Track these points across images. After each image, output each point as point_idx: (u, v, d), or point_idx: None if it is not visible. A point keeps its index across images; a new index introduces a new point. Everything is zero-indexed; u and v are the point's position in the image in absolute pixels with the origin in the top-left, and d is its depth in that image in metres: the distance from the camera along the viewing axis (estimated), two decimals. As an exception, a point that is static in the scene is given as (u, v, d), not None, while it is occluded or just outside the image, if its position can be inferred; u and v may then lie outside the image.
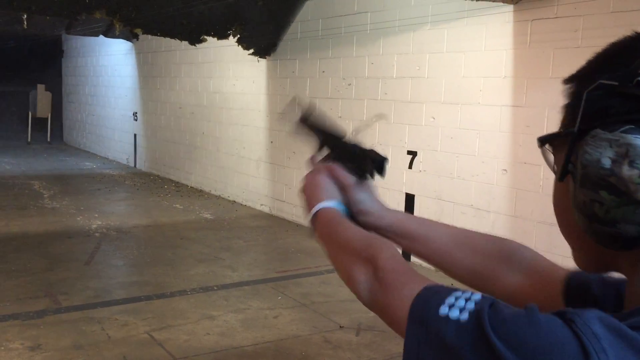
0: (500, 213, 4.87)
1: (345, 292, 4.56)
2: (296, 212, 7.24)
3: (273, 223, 7.28)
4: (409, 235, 1.03)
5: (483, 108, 4.96)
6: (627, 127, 0.61)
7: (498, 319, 0.58)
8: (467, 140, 5.09)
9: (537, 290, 0.88)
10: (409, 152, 5.62)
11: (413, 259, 1.07)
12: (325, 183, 1.06)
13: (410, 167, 5.58)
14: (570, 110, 0.70)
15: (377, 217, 1.05)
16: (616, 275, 0.73)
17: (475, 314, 0.59)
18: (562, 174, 0.68)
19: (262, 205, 7.88)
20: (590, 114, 0.65)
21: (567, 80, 0.71)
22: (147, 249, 6.05)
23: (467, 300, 0.62)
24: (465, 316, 0.60)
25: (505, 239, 0.98)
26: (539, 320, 0.56)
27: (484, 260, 0.95)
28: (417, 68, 5.54)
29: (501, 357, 0.55)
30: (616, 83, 0.63)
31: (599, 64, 0.68)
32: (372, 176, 1.08)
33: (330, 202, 1.02)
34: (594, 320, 0.55)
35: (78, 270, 5.21)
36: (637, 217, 0.62)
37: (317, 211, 1.02)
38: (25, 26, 9.39)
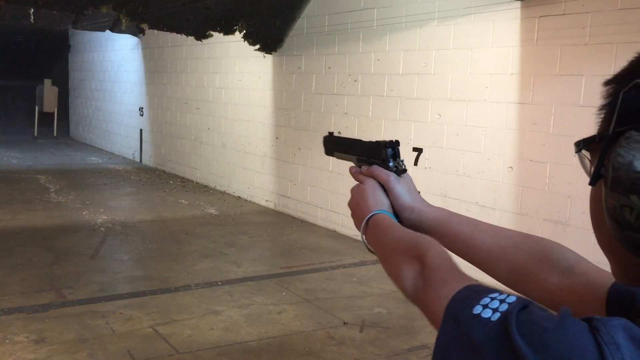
0: (505, 210, 4.85)
1: (350, 288, 4.58)
2: (301, 208, 7.24)
3: (278, 219, 7.28)
4: (449, 233, 1.02)
5: (489, 105, 4.94)
6: None
7: (526, 321, 0.57)
8: (473, 137, 5.08)
9: (577, 293, 0.86)
10: (415, 149, 5.61)
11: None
12: (369, 193, 1.08)
13: (415, 164, 5.57)
14: (607, 113, 0.68)
15: (417, 212, 1.06)
16: None
17: (505, 315, 0.59)
18: (594, 177, 0.66)
19: (267, 201, 7.88)
20: (626, 115, 0.62)
21: (607, 82, 0.68)
22: (152, 243, 6.06)
23: (501, 301, 0.61)
24: (496, 316, 0.60)
25: (547, 239, 0.96)
26: (566, 325, 0.55)
27: (524, 259, 0.94)
28: (424, 64, 5.52)
29: (521, 353, 0.55)
30: None
31: (638, 64, 0.66)
32: (397, 164, 1.11)
33: (377, 210, 1.04)
34: (617, 329, 0.54)
35: (83, 265, 5.22)
36: None
37: (367, 222, 1.03)
38: (32, 21, 9.41)
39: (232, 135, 8.59)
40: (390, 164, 1.11)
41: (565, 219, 4.38)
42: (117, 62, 12.44)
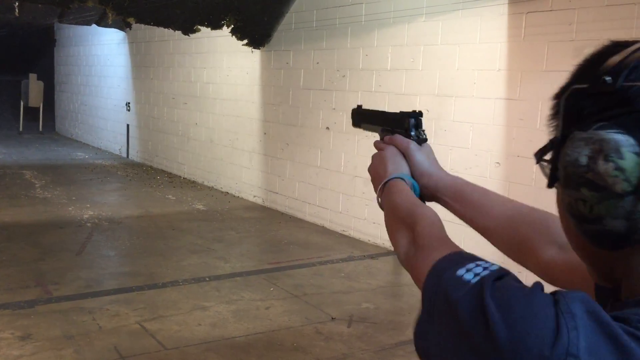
0: (492, 206, 4.87)
1: (338, 283, 4.58)
2: (289, 204, 7.24)
3: (266, 214, 7.27)
4: (462, 199, 1.07)
5: (477, 101, 4.95)
6: (600, 124, 0.64)
7: (500, 287, 0.61)
8: (461, 133, 5.09)
9: (572, 268, 0.89)
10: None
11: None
12: (388, 158, 1.12)
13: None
14: (555, 121, 0.73)
15: (435, 179, 1.10)
16: None
17: (483, 279, 0.63)
18: (551, 180, 0.71)
19: (255, 196, 7.87)
20: (569, 118, 0.68)
21: (554, 97, 0.74)
22: (139, 239, 6.03)
23: (484, 268, 0.65)
24: (475, 280, 0.64)
25: (551, 213, 0.99)
26: (534, 294, 0.59)
27: (525, 229, 0.98)
28: (412, 60, 5.53)
29: (489, 315, 0.58)
30: (586, 85, 0.67)
31: (576, 74, 0.72)
32: (418, 134, 1.16)
33: (394, 175, 1.08)
34: (575, 300, 0.58)
35: (69, 261, 5.19)
36: (621, 211, 0.63)
37: (383, 185, 1.07)
38: (17, 14, 9.30)
39: (219, 130, 8.56)
40: (412, 133, 1.16)
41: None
42: (103, 56, 12.34)
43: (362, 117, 1.37)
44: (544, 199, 0.75)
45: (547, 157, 0.73)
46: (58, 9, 9.15)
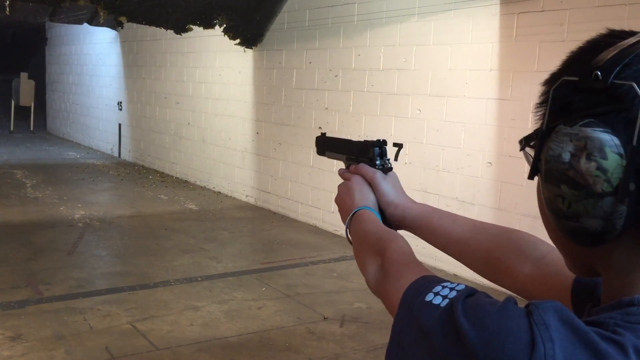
0: (484, 206, 4.89)
1: (330, 283, 4.57)
2: (281, 204, 7.23)
3: (258, 214, 7.26)
4: (430, 228, 1.06)
5: (469, 101, 4.97)
6: (587, 120, 0.63)
7: (471, 304, 0.61)
8: (453, 132, 5.10)
9: (548, 282, 0.89)
10: (395, 144, 5.57)
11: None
12: (355, 189, 1.12)
13: (396, 159, 5.52)
14: (542, 110, 0.72)
15: (401, 208, 1.10)
16: None
17: (452, 301, 0.63)
18: (532, 171, 0.70)
19: (247, 196, 7.86)
20: (556, 111, 0.67)
21: (544, 83, 0.72)
22: (130, 239, 6.01)
23: (451, 289, 0.65)
24: (444, 303, 0.63)
25: (521, 231, 1.00)
26: (506, 309, 0.59)
27: (498, 250, 0.98)
28: (404, 60, 5.53)
29: (464, 335, 0.58)
30: (576, 79, 0.65)
31: (568, 63, 0.69)
32: (383, 162, 1.17)
33: (361, 206, 1.08)
34: (548, 311, 0.58)
35: (60, 261, 5.16)
36: (598, 211, 0.62)
37: (351, 217, 1.07)
38: (8, 13, 9.24)
39: (212, 130, 8.54)
40: (377, 162, 1.16)
41: (543, 214, 4.42)
42: (95, 55, 12.28)
43: (326, 146, 1.35)
44: (535, 199, 0.75)
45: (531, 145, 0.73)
46: (49, 8, 9.10)
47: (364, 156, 1.19)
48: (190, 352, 3.57)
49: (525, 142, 0.74)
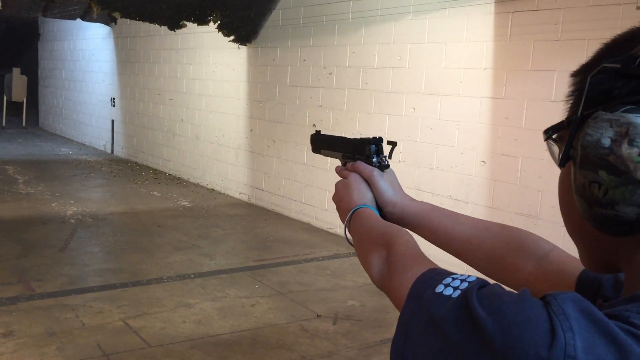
0: (478, 204, 4.90)
1: (323, 281, 4.55)
2: (275, 201, 7.22)
3: (252, 212, 7.25)
4: (430, 226, 1.06)
5: (463, 99, 4.97)
6: (629, 107, 0.62)
7: (487, 294, 0.60)
8: (447, 131, 5.11)
9: (550, 280, 0.89)
10: (389, 142, 5.55)
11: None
12: (353, 187, 1.11)
13: (390, 157, 5.57)
14: (575, 99, 0.71)
15: (400, 206, 1.09)
16: None
17: (466, 291, 0.62)
18: (564, 159, 0.68)
19: (241, 193, 7.84)
20: (594, 97, 0.66)
21: (575, 73, 0.72)
22: (123, 236, 5.98)
23: (462, 281, 0.65)
24: (456, 294, 0.63)
25: (522, 230, 1.00)
26: (524, 299, 0.58)
27: (500, 248, 0.97)
28: (398, 58, 5.53)
29: (480, 324, 0.57)
30: (618, 65, 0.64)
31: (604, 52, 0.69)
32: (380, 160, 1.16)
33: (360, 204, 1.07)
34: (567, 301, 0.57)
35: (52, 257, 5.14)
36: (636, 198, 0.61)
37: (351, 215, 1.07)
38: (0, 8, 9.18)
39: (205, 127, 8.52)
40: (374, 160, 1.15)
41: (536, 212, 4.44)
42: (88, 51, 12.22)
43: (322, 144, 1.34)
44: (528, 198, 0.75)
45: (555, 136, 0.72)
46: (42, 3, 9.04)
47: (360, 153, 1.18)
48: (182, 349, 3.56)
49: (552, 132, 0.72)
